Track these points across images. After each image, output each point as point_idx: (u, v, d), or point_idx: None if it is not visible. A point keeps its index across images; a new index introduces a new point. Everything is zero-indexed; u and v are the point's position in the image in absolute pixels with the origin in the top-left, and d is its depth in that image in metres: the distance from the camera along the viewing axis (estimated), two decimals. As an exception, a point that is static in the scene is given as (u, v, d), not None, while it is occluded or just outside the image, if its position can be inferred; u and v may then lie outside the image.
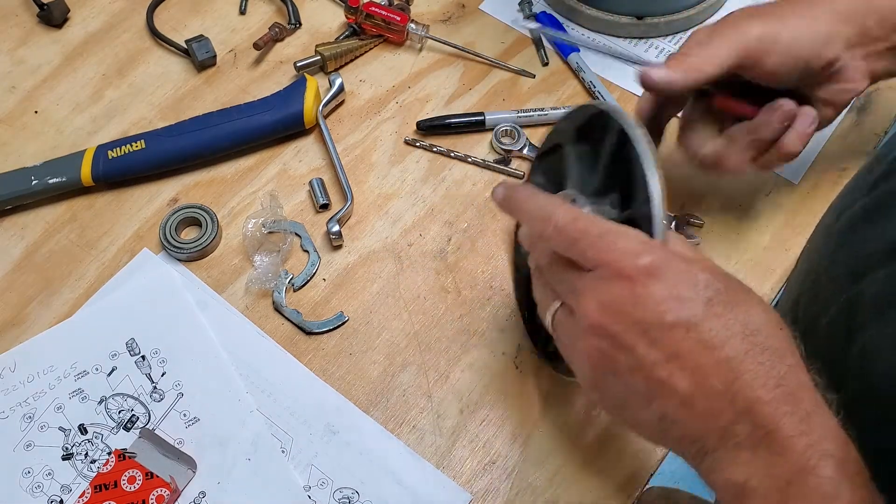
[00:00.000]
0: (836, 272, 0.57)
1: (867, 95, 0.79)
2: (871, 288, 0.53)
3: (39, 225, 0.74)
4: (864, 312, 0.53)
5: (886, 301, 0.51)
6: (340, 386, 0.67)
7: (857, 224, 0.57)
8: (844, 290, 0.55)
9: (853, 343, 0.53)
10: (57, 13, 0.82)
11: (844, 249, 0.57)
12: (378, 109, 0.80)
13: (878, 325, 0.51)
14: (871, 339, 0.51)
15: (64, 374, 0.66)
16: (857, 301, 0.54)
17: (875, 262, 0.53)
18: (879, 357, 0.51)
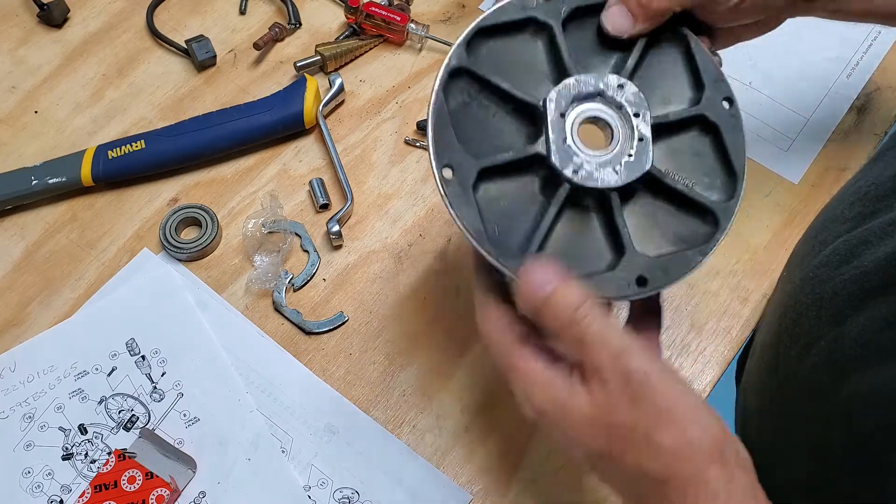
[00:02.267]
0: (816, 313, 0.57)
1: (867, 95, 0.80)
2: (852, 331, 0.52)
3: (39, 225, 0.74)
4: (847, 358, 0.53)
5: (869, 347, 0.51)
6: (340, 386, 0.67)
7: (837, 262, 0.57)
8: (826, 333, 0.55)
9: (838, 389, 0.53)
10: (57, 13, 0.82)
11: (825, 288, 0.57)
12: (378, 109, 0.80)
13: (862, 373, 0.51)
14: (856, 386, 0.51)
15: (64, 374, 0.66)
16: (839, 345, 0.53)
17: (855, 303, 0.53)
18: (865, 405, 0.50)
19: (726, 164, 0.51)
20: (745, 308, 0.70)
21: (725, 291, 0.71)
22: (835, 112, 0.79)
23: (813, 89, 0.80)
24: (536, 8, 0.50)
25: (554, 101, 0.48)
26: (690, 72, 0.52)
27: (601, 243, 0.48)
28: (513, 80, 0.49)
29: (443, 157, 0.46)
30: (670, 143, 0.51)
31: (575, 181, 0.47)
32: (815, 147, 0.77)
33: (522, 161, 0.48)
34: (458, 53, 0.48)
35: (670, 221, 0.49)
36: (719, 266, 0.72)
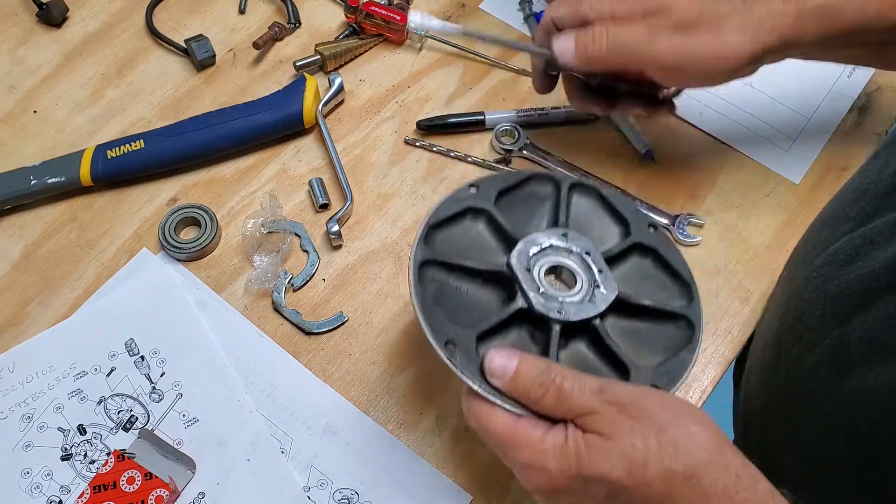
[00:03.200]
0: (820, 311, 0.57)
1: (867, 95, 0.79)
2: (858, 331, 0.53)
3: (39, 225, 0.73)
4: (851, 356, 0.53)
5: (874, 345, 0.51)
6: (340, 386, 0.67)
7: (842, 261, 0.57)
8: (830, 331, 0.55)
9: (840, 387, 0.53)
10: (56, 13, 0.82)
11: (829, 287, 0.57)
12: (378, 109, 0.79)
13: (866, 370, 0.51)
14: (859, 383, 0.51)
15: (63, 375, 0.66)
16: (843, 343, 0.54)
17: (861, 302, 0.53)
18: (869, 403, 0.51)
19: (674, 275, 0.58)
20: (745, 308, 0.70)
21: (726, 291, 0.71)
22: (836, 111, 0.79)
23: (814, 89, 0.80)
24: (469, 198, 0.58)
25: (516, 261, 0.54)
26: (611, 213, 0.60)
27: (605, 369, 0.53)
28: (471, 258, 0.56)
29: (441, 337, 0.51)
30: (621, 272, 0.58)
31: (563, 319, 0.52)
32: (816, 147, 0.77)
33: (511, 318, 0.53)
34: (419, 250, 0.55)
35: (651, 336, 0.55)
36: (720, 266, 0.72)
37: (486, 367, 0.48)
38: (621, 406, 0.45)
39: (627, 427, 0.44)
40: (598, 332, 0.53)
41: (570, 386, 0.46)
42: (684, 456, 0.44)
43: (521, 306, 0.53)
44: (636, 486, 0.44)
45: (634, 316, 0.55)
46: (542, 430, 0.46)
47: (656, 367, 0.53)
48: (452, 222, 0.58)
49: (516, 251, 0.55)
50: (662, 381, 0.52)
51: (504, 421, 0.48)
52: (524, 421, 0.47)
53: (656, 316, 0.56)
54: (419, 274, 0.53)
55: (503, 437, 0.47)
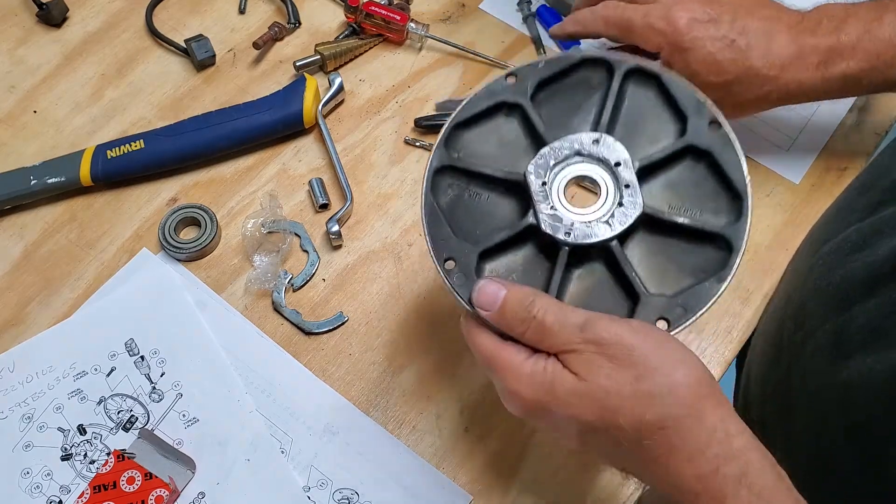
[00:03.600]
0: (823, 298, 0.57)
1: (867, 95, 0.79)
2: (859, 318, 0.53)
3: (38, 225, 0.73)
4: (852, 343, 0.53)
5: (875, 332, 0.51)
6: (340, 386, 0.66)
7: (848, 249, 0.57)
8: (832, 319, 0.55)
9: (839, 374, 0.53)
10: (56, 13, 0.82)
11: (833, 275, 0.57)
12: (378, 109, 0.79)
13: (865, 357, 0.51)
14: (858, 370, 0.51)
15: (63, 375, 0.66)
16: (844, 330, 0.54)
17: (865, 290, 0.53)
18: (867, 389, 0.50)
19: (727, 186, 0.51)
20: (745, 308, 0.70)
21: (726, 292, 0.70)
22: (836, 112, 0.79)
23: (814, 89, 0.79)
24: (503, 91, 0.53)
25: (533, 173, 0.50)
26: (669, 106, 0.53)
27: (617, 294, 0.50)
28: (497, 163, 0.52)
29: (442, 252, 0.49)
30: (667, 179, 0.52)
31: (571, 242, 0.49)
32: (815, 147, 0.77)
33: (519, 235, 0.50)
34: (438, 155, 0.52)
35: (684, 255, 0.50)
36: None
37: (474, 299, 0.48)
38: (601, 345, 0.44)
39: (605, 370, 0.44)
40: (615, 255, 0.49)
41: (552, 321, 0.45)
42: (658, 407, 0.43)
43: (531, 223, 0.50)
44: (606, 430, 0.44)
45: (667, 233, 0.50)
46: (524, 357, 0.47)
47: (672, 297, 0.48)
48: (482, 121, 0.53)
49: (535, 160, 0.50)
50: (674, 313, 0.48)
51: (491, 342, 0.48)
52: (510, 346, 0.47)
53: (691, 234, 0.50)
54: (435, 181, 0.51)
55: (489, 357, 0.48)
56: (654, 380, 0.43)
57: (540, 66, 0.53)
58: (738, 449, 0.43)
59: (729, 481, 0.42)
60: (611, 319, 0.45)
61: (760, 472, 0.42)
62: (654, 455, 0.44)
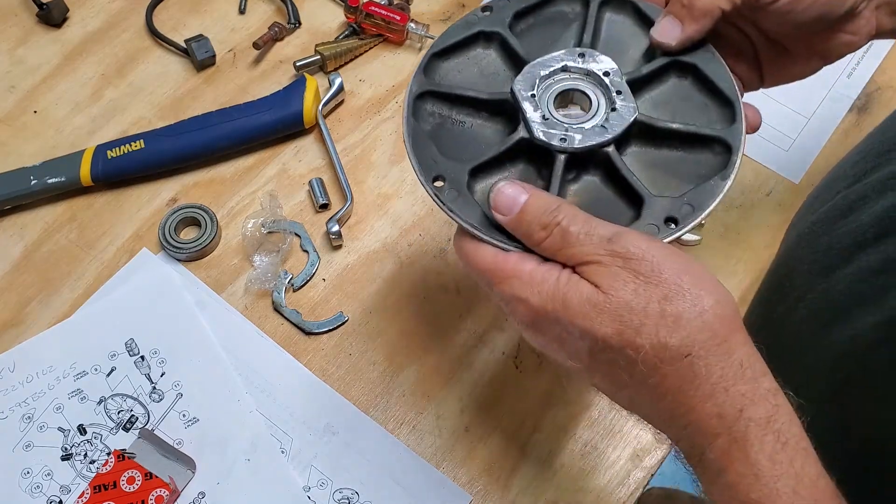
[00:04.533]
0: (808, 267, 0.55)
1: (867, 95, 0.79)
2: (841, 284, 0.52)
3: (38, 225, 0.73)
4: (835, 309, 0.52)
5: (855, 297, 0.50)
6: (340, 386, 0.67)
7: (834, 217, 0.56)
8: (815, 286, 0.54)
9: (822, 340, 0.52)
10: (56, 13, 0.82)
11: (819, 243, 0.56)
12: (378, 109, 0.79)
13: (846, 322, 0.50)
14: (840, 335, 0.51)
15: (63, 375, 0.66)
16: (827, 297, 0.52)
17: (847, 256, 0.52)
18: (849, 353, 0.50)
19: (717, 94, 0.50)
20: (745, 308, 0.70)
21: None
22: (835, 112, 0.79)
23: (813, 89, 0.80)
24: (480, 21, 0.52)
25: (521, 86, 0.48)
26: (647, 28, 0.52)
27: (618, 204, 0.48)
28: (478, 90, 0.51)
29: (430, 171, 0.47)
30: (653, 97, 0.51)
31: (566, 148, 0.47)
32: (815, 147, 0.77)
33: (511, 151, 0.48)
34: (417, 80, 0.50)
35: (682, 165, 0.49)
36: (720, 266, 0.72)
37: (492, 200, 0.44)
38: (628, 259, 0.40)
39: (631, 285, 0.40)
40: (612, 160, 0.47)
41: (577, 230, 0.42)
42: (685, 331, 0.39)
43: (523, 136, 0.48)
44: (622, 348, 0.40)
45: (663, 143, 0.49)
46: (533, 264, 0.43)
47: (678, 198, 0.46)
48: (461, 49, 0.52)
49: (522, 74, 0.49)
50: (682, 211, 0.46)
51: (492, 255, 0.44)
52: (514, 254, 0.44)
53: (687, 141, 0.49)
54: (417, 108, 0.49)
55: (491, 270, 0.44)
56: (683, 302, 0.39)
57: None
58: (767, 390, 0.39)
59: (754, 424, 0.38)
60: (642, 234, 0.42)
61: (788, 418, 0.39)
62: (671, 386, 0.40)
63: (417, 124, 0.49)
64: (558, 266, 0.43)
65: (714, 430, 0.39)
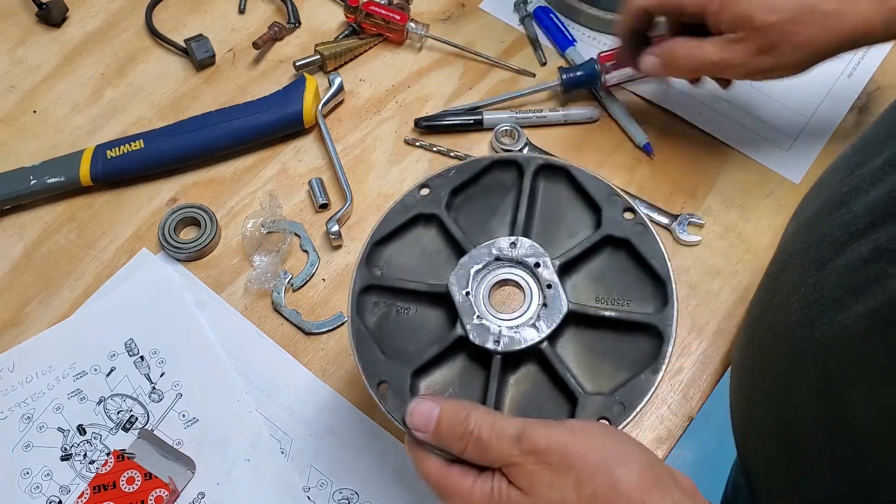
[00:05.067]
0: (801, 260, 0.55)
1: (867, 95, 0.79)
2: (832, 275, 0.52)
3: (38, 225, 0.73)
4: (825, 301, 0.52)
5: (845, 288, 0.50)
6: (340, 386, 0.66)
7: (828, 210, 0.55)
8: (807, 279, 0.54)
9: (813, 333, 0.52)
10: (56, 13, 0.82)
11: (812, 235, 0.55)
12: (378, 109, 0.79)
13: (836, 314, 0.50)
14: (829, 327, 0.51)
15: (63, 375, 0.66)
16: (819, 289, 0.52)
17: (838, 247, 0.52)
18: (838, 347, 0.50)
19: (649, 272, 0.51)
20: (745, 308, 0.70)
21: (726, 292, 0.71)
22: (836, 111, 0.79)
23: (814, 88, 0.79)
24: (417, 204, 0.54)
25: (455, 284, 0.50)
26: (582, 198, 0.54)
27: (555, 396, 0.50)
28: (420, 275, 0.52)
29: (375, 377, 0.49)
30: (590, 271, 0.53)
31: (501, 350, 0.48)
32: (816, 147, 0.77)
33: (450, 348, 0.50)
34: (360, 274, 0.52)
35: (617, 348, 0.50)
36: (720, 266, 0.72)
37: (408, 422, 0.47)
38: (539, 455, 0.43)
39: (546, 480, 0.43)
40: (547, 357, 0.49)
41: (488, 437, 0.44)
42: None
43: (460, 334, 0.50)
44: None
45: (597, 326, 0.51)
46: (472, 479, 0.46)
47: (610, 395, 0.49)
48: (402, 233, 0.54)
49: (455, 271, 0.51)
50: (614, 411, 0.48)
51: (437, 467, 0.47)
52: (455, 468, 0.46)
53: (621, 326, 0.51)
54: (361, 301, 0.51)
55: (437, 484, 0.47)
56: (595, 481, 0.42)
57: (451, 174, 0.54)
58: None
59: None
60: (545, 424, 0.45)
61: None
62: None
63: (362, 323, 0.51)
64: (490, 474, 0.45)
65: None
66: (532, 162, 0.54)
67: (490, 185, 0.55)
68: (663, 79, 0.78)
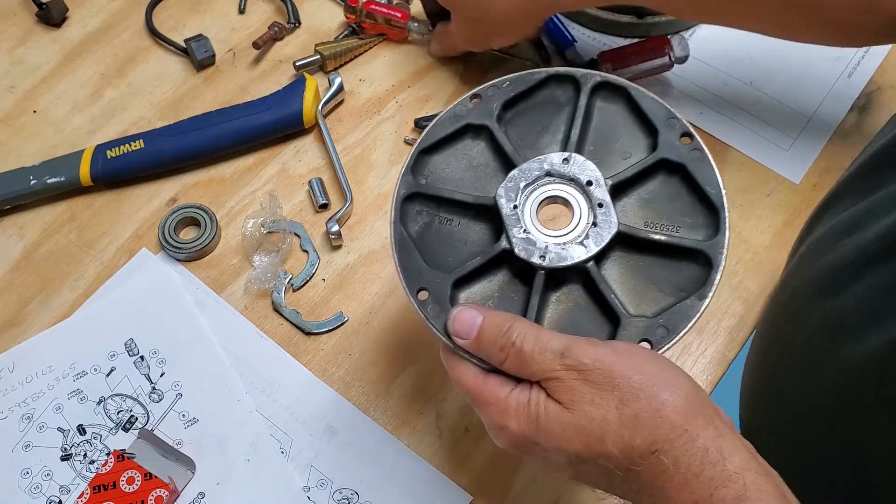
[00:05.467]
0: (814, 285, 0.56)
1: (867, 95, 0.79)
2: (850, 302, 0.52)
3: (38, 225, 0.73)
4: (843, 327, 0.52)
5: (866, 315, 0.50)
6: (340, 386, 0.66)
7: (839, 234, 0.56)
8: (823, 304, 0.54)
9: (831, 359, 0.52)
10: (56, 12, 0.82)
11: (824, 261, 0.56)
12: (378, 109, 0.79)
13: (857, 341, 0.51)
14: (850, 354, 0.51)
15: (63, 375, 0.66)
16: (836, 315, 0.53)
17: (854, 273, 0.52)
18: (858, 373, 0.50)
19: (703, 199, 0.50)
20: (746, 308, 0.70)
21: (727, 292, 0.71)
22: (836, 111, 0.79)
23: (814, 88, 0.80)
24: (469, 113, 0.52)
25: (504, 196, 0.49)
26: (639, 120, 0.52)
27: (597, 316, 0.49)
28: (466, 187, 0.51)
29: (415, 283, 0.48)
30: (641, 195, 0.51)
31: (546, 265, 0.48)
32: (816, 147, 0.77)
33: (492, 261, 0.49)
34: (405, 181, 0.50)
35: (663, 273, 0.49)
36: (720, 266, 0.71)
37: (450, 327, 0.46)
38: (582, 371, 0.43)
39: (588, 397, 0.42)
40: (592, 276, 0.48)
41: (531, 349, 0.44)
42: (646, 430, 0.41)
43: (504, 248, 0.48)
44: (595, 459, 0.42)
45: (645, 251, 0.49)
46: (508, 389, 0.45)
47: (654, 317, 0.47)
48: (449, 143, 0.52)
49: (505, 183, 0.49)
50: (657, 334, 0.47)
51: (474, 376, 0.46)
52: (492, 378, 0.46)
53: (670, 251, 0.49)
54: (404, 208, 0.50)
55: (473, 392, 0.46)
56: (638, 402, 0.42)
57: (505, 86, 0.52)
58: (735, 470, 0.41)
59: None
60: (591, 343, 0.44)
61: (759, 493, 0.40)
62: (647, 480, 0.42)
63: (404, 230, 0.50)
64: (528, 385, 0.45)
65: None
66: (590, 78, 0.51)
67: (543, 100, 0.53)
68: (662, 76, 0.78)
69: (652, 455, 0.41)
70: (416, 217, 0.51)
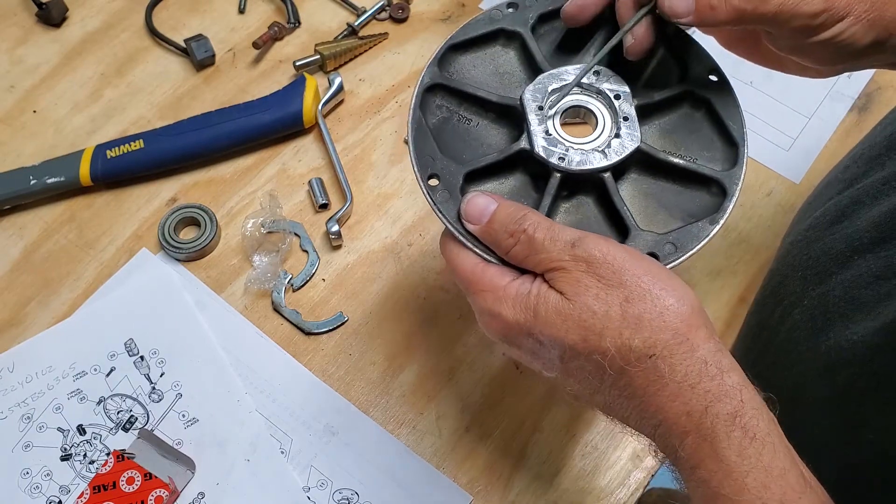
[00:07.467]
0: (802, 273, 0.56)
1: (867, 95, 0.79)
2: (837, 289, 0.52)
3: (38, 225, 0.73)
4: (830, 315, 0.52)
5: (853, 303, 0.50)
6: (340, 386, 0.66)
7: (827, 223, 0.56)
8: (810, 292, 0.54)
9: (818, 346, 0.52)
10: (55, 12, 0.82)
11: (812, 249, 0.56)
12: (378, 109, 0.79)
13: (844, 328, 0.50)
14: (836, 341, 0.51)
15: (62, 375, 0.66)
16: (823, 303, 0.53)
17: (843, 261, 0.52)
18: (847, 358, 0.50)
19: (724, 134, 0.50)
20: (745, 308, 0.70)
21: (727, 292, 0.71)
22: (836, 111, 0.79)
23: (814, 89, 0.80)
24: (503, 19, 0.51)
25: (529, 96, 0.48)
26: (668, 50, 0.52)
27: (606, 229, 0.48)
28: (490, 89, 0.50)
29: (426, 168, 0.48)
30: (663, 125, 0.51)
31: (563, 168, 0.47)
32: (816, 147, 0.77)
33: (510, 159, 0.48)
34: (431, 71, 0.50)
35: (676, 199, 0.49)
36: (721, 266, 0.72)
37: (462, 209, 0.46)
38: (591, 263, 0.42)
39: (593, 290, 0.41)
40: (606, 187, 0.47)
41: (542, 237, 0.43)
42: (647, 331, 0.40)
43: (524, 147, 0.48)
44: (590, 353, 0.41)
45: (661, 174, 0.49)
46: (509, 279, 0.44)
47: (663, 235, 0.47)
48: (479, 45, 0.51)
49: (534, 84, 0.49)
50: (664, 250, 0.46)
51: (472, 264, 0.46)
52: (493, 268, 0.45)
53: (685, 176, 0.49)
54: (425, 99, 0.49)
55: (470, 280, 0.45)
56: (644, 303, 0.41)
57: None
58: (732, 386, 0.40)
59: (721, 420, 0.39)
60: (604, 239, 0.43)
61: (755, 412, 0.39)
62: (639, 385, 0.41)
63: (423, 116, 0.49)
64: (530, 278, 0.44)
65: (683, 427, 0.40)
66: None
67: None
68: None
69: (649, 359, 0.40)
70: (436, 111, 0.50)
